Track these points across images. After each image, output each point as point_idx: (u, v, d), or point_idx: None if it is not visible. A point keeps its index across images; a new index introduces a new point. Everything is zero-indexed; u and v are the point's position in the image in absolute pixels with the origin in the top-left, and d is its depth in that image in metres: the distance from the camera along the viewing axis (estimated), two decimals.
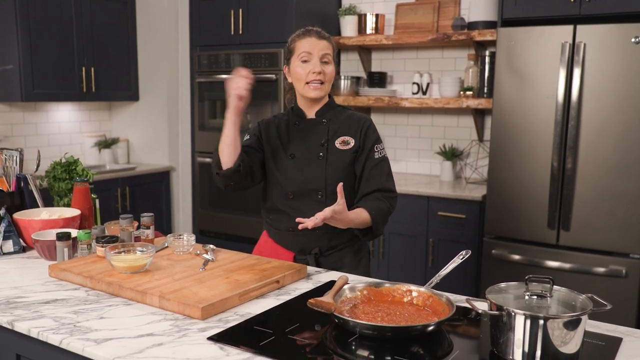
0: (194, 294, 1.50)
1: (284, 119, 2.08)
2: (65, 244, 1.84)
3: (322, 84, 1.95)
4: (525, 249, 3.26)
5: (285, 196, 1.98)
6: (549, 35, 3.09)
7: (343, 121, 2.02)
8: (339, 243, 2.01)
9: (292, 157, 1.99)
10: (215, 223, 4.53)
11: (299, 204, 1.97)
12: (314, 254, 1.99)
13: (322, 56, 1.95)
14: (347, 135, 1.99)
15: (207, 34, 4.40)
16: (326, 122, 2.01)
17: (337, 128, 2.00)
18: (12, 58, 4.00)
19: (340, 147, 1.98)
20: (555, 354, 1.18)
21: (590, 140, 3.05)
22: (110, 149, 4.80)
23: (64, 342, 1.30)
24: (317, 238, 1.98)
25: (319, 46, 1.95)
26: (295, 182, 1.97)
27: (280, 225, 2.02)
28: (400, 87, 4.30)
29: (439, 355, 1.26)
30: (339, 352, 1.27)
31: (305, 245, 1.99)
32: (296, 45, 1.98)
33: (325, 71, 1.95)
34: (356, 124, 2.01)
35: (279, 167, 2.00)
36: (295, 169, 1.97)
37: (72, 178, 2.32)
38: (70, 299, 1.56)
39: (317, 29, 2.00)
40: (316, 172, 1.96)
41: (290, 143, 2.02)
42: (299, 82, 1.98)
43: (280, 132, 2.05)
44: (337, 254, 2.01)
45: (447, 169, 4.02)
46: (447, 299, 1.44)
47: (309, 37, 1.97)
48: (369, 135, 1.99)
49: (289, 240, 2.01)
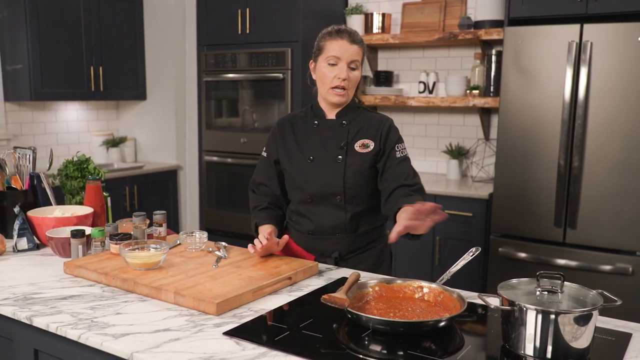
0: (209, 290, 1.52)
1: (302, 116, 2.04)
2: (80, 241, 1.87)
3: (345, 89, 1.90)
4: (531, 247, 3.28)
5: (304, 200, 1.97)
6: (555, 35, 3.11)
7: (363, 123, 1.97)
8: (360, 246, 1.99)
9: (311, 160, 1.95)
10: (222, 221, 4.56)
11: (318, 208, 1.95)
12: (334, 257, 1.97)
13: (350, 62, 1.88)
14: (366, 138, 1.94)
15: (214, 34, 4.43)
16: (346, 124, 1.96)
17: (357, 130, 1.96)
18: (21, 58, 4.04)
19: (359, 150, 1.93)
20: (566, 349, 1.20)
21: (596, 139, 3.07)
22: (118, 147, 4.84)
23: (83, 337, 1.33)
24: (337, 242, 1.96)
25: (349, 51, 1.88)
26: (313, 186, 1.94)
27: (301, 228, 2.01)
28: (407, 86, 4.32)
29: (450, 350, 1.28)
30: (352, 347, 1.29)
31: (326, 248, 1.98)
32: (326, 46, 1.91)
33: (350, 78, 1.89)
34: (376, 126, 1.96)
35: (297, 170, 1.97)
36: (314, 172, 1.94)
37: (84, 176, 2.35)
38: (86, 295, 1.58)
39: (350, 30, 1.91)
40: (335, 176, 1.92)
41: (309, 145, 1.97)
42: (323, 85, 1.92)
43: (296, 132, 2.01)
44: (357, 258, 1.99)
45: (454, 168, 4.04)
46: (458, 295, 1.46)
47: (340, 39, 1.88)
48: (390, 136, 1.94)
49: (310, 243, 2.00)
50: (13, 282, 1.68)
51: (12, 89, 4.14)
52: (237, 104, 4.42)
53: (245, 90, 4.36)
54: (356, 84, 1.95)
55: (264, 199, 2.05)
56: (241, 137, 4.37)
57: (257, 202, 2.06)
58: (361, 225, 1.97)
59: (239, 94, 4.39)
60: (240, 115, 4.42)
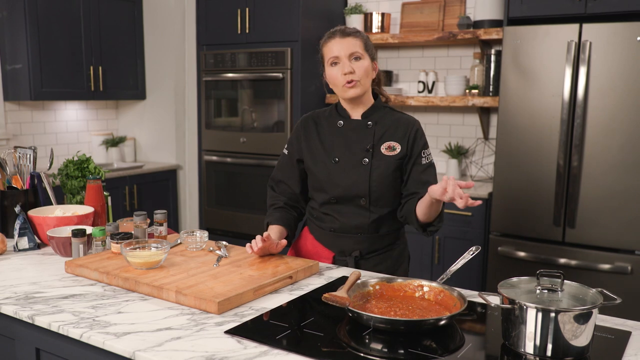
0: (210, 289, 1.53)
1: (326, 115, 2.01)
2: (81, 241, 1.87)
3: (356, 81, 1.86)
4: (531, 246, 3.29)
5: (328, 200, 1.95)
6: (554, 34, 3.11)
7: (390, 124, 1.94)
8: (380, 247, 1.98)
9: (336, 162, 1.92)
10: (222, 221, 4.56)
11: (342, 208, 1.94)
12: (354, 256, 1.96)
13: (350, 54, 1.86)
14: (393, 141, 1.91)
15: (213, 33, 4.43)
16: (372, 124, 1.93)
17: (383, 132, 1.92)
18: (21, 57, 4.04)
19: (385, 153, 1.90)
20: (566, 347, 1.21)
21: (595, 139, 3.07)
22: (117, 147, 4.84)
23: (85, 336, 1.33)
24: (358, 241, 1.95)
25: (344, 45, 1.86)
26: (338, 188, 1.92)
27: (323, 225, 1.99)
28: (406, 86, 4.32)
29: (451, 348, 1.29)
30: (353, 346, 1.29)
31: (346, 247, 1.96)
32: (324, 51, 1.92)
33: (356, 68, 1.86)
34: (403, 129, 1.93)
35: (321, 170, 1.94)
36: (339, 174, 1.91)
37: (84, 176, 2.35)
38: (88, 294, 1.59)
39: (341, 28, 1.91)
40: (360, 178, 1.89)
41: (334, 146, 1.94)
42: (336, 87, 1.91)
43: (321, 132, 1.99)
44: (377, 258, 1.98)
45: (453, 167, 4.04)
46: (458, 293, 1.46)
47: (333, 39, 1.89)
48: (417, 142, 1.92)
49: (330, 240, 1.98)
50: (14, 281, 1.69)
51: (11, 89, 4.14)
52: (237, 104, 4.43)
53: (244, 89, 4.36)
54: (368, 73, 1.89)
55: (281, 198, 2.05)
56: (241, 136, 4.37)
57: (274, 200, 2.06)
58: (383, 227, 1.96)
59: (239, 93, 4.40)
60: (239, 114, 4.42)
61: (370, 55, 1.91)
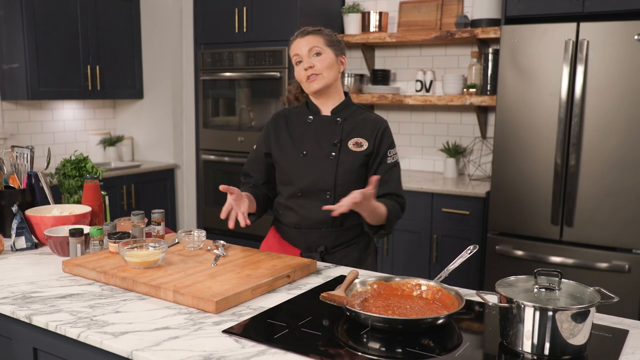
0: (207, 288, 1.53)
1: (297, 111, 2.08)
2: (78, 240, 1.87)
3: (317, 74, 1.93)
4: (528, 245, 3.29)
5: (293, 193, 1.99)
6: (552, 33, 3.12)
7: (358, 121, 2.00)
8: (345, 241, 2.02)
9: (304, 155, 1.98)
10: (219, 220, 4.51)
11: (306, 202, 1.98)
12: (320, 251, 2.00)
13: (310, 50, 1.93)
14: (361, 137, 1.97)
15: (211, 32, 4.43)
16: (341, 120, 1.99)
17: (351, 128, 1.99)
18: (18, 56, 4.03)
19: (353, 149, 1.96)
20: (563, 346, 1.21)
21: (593, 137, 3.08)
22: (115, 146, 4.83)
23: (82, 336, 1.33)
24: (323, 235, 1.99)
25: (304, 43, 1.94)
26: (305, 180, 1.96)
27: (287, 221, 2.04)
28: (404, 85, 4.32)
29: (449, 347, 1.29)
30: (351, 345, 1.29)
31: (312, 242, 2.00)
32: (290, 53, 2.00)
33: (316, 62, 1.93)
34: (371, 127, 1.99)
35: (289, 163, 2.00)
36: (306, 167, 1.97)
37: (81, 175, 2.34)
38: (85, 293, 1.58)
39: (302, 29, 1.98)
40: (326, 172, 1.95)
41: (302, 139, 2.00)
42: (302, 84, 1.98)
43: (291, 127, 2.05)
44: (342, 252, 2.02)
45: (451, 166, 4.05)
46: (456, 292, 1.46)
47: (295, 40, 1.98)
48: (384, 140, 1.98)
49: (296, 237, 2.02)
50: (12, 281, 1.69)
51: (8, 88, 4.13)
52: (234, 103, 4.42)
53: (242, 89, 4.36)
54: (330, 66, 1.94)
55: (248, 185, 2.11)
56: (238, 135, 4.37)
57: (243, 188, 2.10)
58: (347, 221, 2.00)
59: (236, 92, 4.39)
60: (237, 113, 4.42)
61: (334, 50, 1.96)
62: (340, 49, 1.99)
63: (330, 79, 1.96)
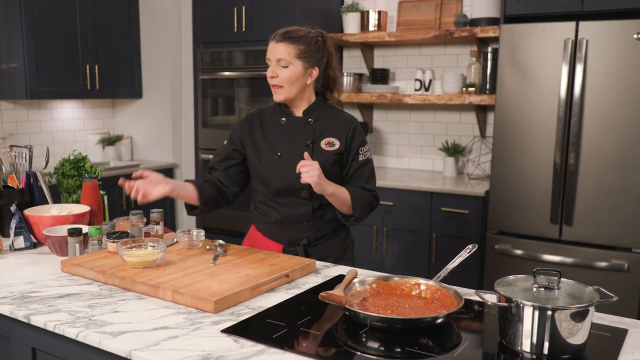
0: (206, 288, 1.53)
1: (270, 112, 2.09)
2: (77, 240, 1.86)
3: (279, 87, 1.94)
4: (528, 244, 3.29)
5: (271, 193, 2.02)
6: (551, 32, 3.11)
7: (330, 121, 2.03)
8: (326, 233, 2.06)
9: (279, 157, 2.00)
10: (218, 219, 4.56)
11: (285, 200, 2.01)
12: (303, 245, 2.03)
13: (278, 61, 1.92)
14: (332, 137, 2.00)
15: (210, 31, 4.42)
16: (312, 121, 2.01)
17: (323, 128, 2.02)
18: (17, 56, 4.02)
19: (325, 148, 1.99)
20: (563, 345, 1.21)
21: (592, 136, 3.08)
22: (114, 146, 4.83)
23: (81, 335, 1.33)
24: (304, 229, 2.03)
25: (275, 50, 1.92)
26: (281, 181, 1.99)
27: (269, 219, 2.06)
28: (403, 84, 4.32)
29: (448, 346, 1.29)
30: (350, 344, 1.29)
31: (294, 237, 2.03)
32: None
33: (280, 75, 1.92)
34: (343, 126, 2.02)
35: (264, 165, 2.01)
36: (281, 167, 1.99)
37: (80, 175, 2.34)
38: (84, 293, 1.58)
39: (282, 32, 1.94)
40: None
41: (277, 141, 2.02)
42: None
43: (265, 128, 2.06)
44: (324, 244, 2.06)
45: (450, 165, 4.04)
46: (455, 292, 1.46)
47: (271, 41, 1.95)
48: (355, 139, 2.02)
49: (278, 232, 2.05)
50: (10, 280, 1.68)
51: (7, 88, 4.12)
52: (233, 102, 4.42)
53: (241, 88, 4.35)
54: (292, 81, 1.93)
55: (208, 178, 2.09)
56: None
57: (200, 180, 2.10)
58: (327, 214, 2.04)
59: (235, 92, 4.39)
60: (236, 113, 4.41)
61: (305, 62, 1.93)
62: (316, 60, 1.96)
63: (292, 93, 1.96)
